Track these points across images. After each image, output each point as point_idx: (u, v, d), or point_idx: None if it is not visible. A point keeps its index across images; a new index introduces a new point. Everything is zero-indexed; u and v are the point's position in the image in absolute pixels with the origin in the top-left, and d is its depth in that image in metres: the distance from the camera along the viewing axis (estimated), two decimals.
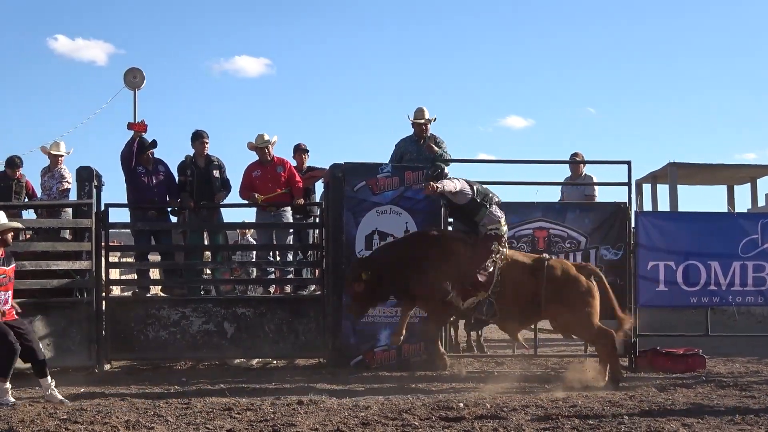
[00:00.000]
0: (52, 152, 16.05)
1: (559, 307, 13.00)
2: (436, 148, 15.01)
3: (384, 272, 12.88)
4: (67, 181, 15.55)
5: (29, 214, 16.00)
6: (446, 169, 13.55)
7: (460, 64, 66.31)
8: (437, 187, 12.63)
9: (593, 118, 64.25)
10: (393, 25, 65.57)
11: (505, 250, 13.08)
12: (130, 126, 15.45)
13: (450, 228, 14.47)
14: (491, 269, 12.82)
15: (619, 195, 15.60)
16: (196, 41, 65.49)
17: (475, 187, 12.95)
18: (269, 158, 15.68)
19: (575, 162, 16.35)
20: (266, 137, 15.74)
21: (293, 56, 67.01)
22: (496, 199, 13.19)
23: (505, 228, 13.17)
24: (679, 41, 63.08)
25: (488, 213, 12.95)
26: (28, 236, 15.94)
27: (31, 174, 16.68)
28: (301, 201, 15.69)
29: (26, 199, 16.14)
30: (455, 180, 12.91)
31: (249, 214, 16.93)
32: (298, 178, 15.79)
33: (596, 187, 16.24)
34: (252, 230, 19.52)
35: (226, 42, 66.53)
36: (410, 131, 15.60)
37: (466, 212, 13.02)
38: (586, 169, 16.52)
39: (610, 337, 13.07)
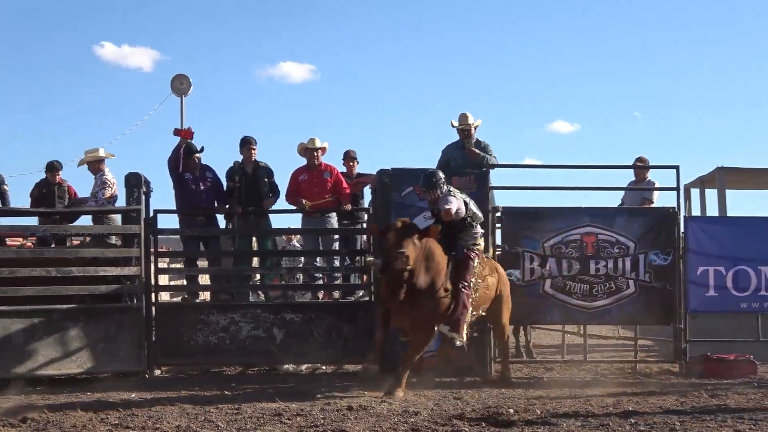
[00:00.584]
0: (88, 159, 16.07)
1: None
2: (478, 152, 15.00)
3: None
4: (110, 187, 15.59)
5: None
6: (440, 181, 13.24)
7: (507, 68, 66.15)
8: (451, 213, 12.62)
9: (640, 123, 63.90)
10: (439, 29, 65.53)
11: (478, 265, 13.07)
12: (176, 132, 15.53)
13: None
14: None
15: (668, 200, 15.57)
16: (241, 47, 65.70)
17: (469, 207, 12.94)
18: (317, 163, 15.72)
19: (623, 167, 16.28)
20: (318, 142, 15.80)
21: (337, 62, 67.07)
22: (480, 218, 13.22)
23: (482, 243, 13.24)
24: (726, 45, 62.71)
25: (472, 232, 12.95)
26: (77, 242, 16.07)
27: (79, 180, 16.79)
28: (348, 207, 15.72)
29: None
30: (456, 199, 12.78)
31: (295, 220, 16.98)
32: (345, 185, 15.83)
33: (656, 192, 16.14)
34: (298, 236, 19.57)
35: (270, 48, 66.71)
36: (456, 137, 15.60)
37: (450, 227, 12.88)
38: (651, 175, 16.44)
39: None
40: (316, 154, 15.77)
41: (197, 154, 15.51)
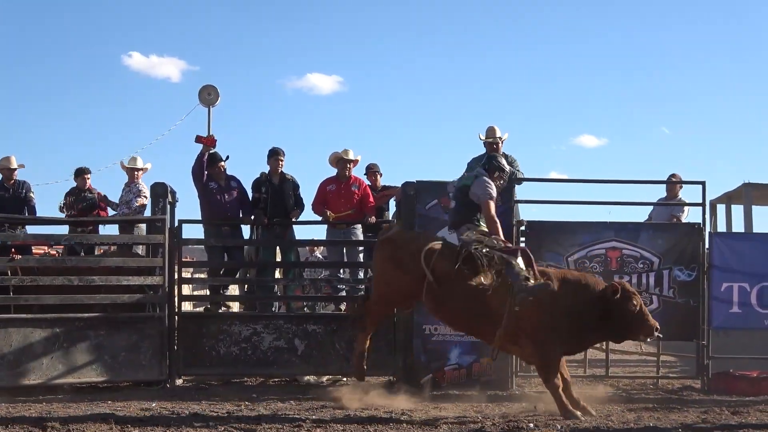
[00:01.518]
0: (128, 166, 16.25)
1: None
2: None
3: None
4: (144, 196, 15.65)
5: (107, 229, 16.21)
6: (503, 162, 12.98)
7: (534, 82, 66.04)
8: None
9: (667, 138, 63.66)
10: (464, 43, 65.42)
11: None
12: (198, 139, 15.54)
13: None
14: None
15: (693, 215, 15.53)
16: (268, 59, 65.77)
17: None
18: (348, 175, 15.77)
19: (651, 182, 16.29)
20: (352, 154, 15.86)
21: (365, 74, 67.11)
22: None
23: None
24: (755, 61, 62.43)
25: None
26: (101, 251, 16.13)
27: (109, 188, 16.84)
28: (373, 219, 15.74)
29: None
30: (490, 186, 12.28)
31: (319, 231, 17.00)
32: (371, 198, 15.86)
33: (686, 209, 16.07)
34: (321, 247, 19.60)
35: (298, 59, 66.75)
36: (482, 150, 15.60)
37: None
38: (681, 192, 16.38)
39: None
40: (348, 165, 15.82)
41: (222, 163, 15.56)
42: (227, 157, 15.68)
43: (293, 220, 15.73)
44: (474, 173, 12.47)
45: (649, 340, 12.59)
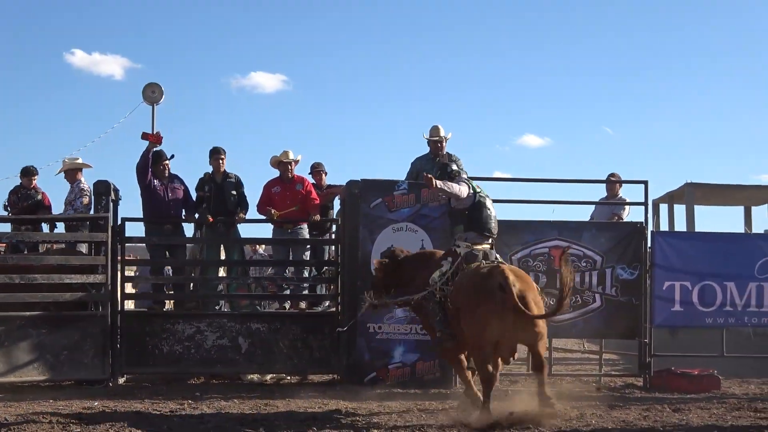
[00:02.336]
0: (65, 169, 16.04)
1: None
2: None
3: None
4: (87, 195, 15.52)
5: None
6: (461, 172, 13.03)
7: (477, 82, 66.22)
8: (437, 183, 12.11)
9: (610, 138, 64.03)
10: (408, 43, 65.52)
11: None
12: (144, 136, 15.42)
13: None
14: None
15: (636, 215, 15.66)
16: (212, 57, 65.47)
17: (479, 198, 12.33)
18: (290, 176, 15.73)
19: (594, 181, 16.38)
20: (291, 155, 15.82)
21: (309, 72, 67.02)
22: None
23: (462, 249, 12.08)
24: (697, 62, 62.95)
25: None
26: (44, 249, 16.00)
27: (50, 187, 16.69)
28: (317, 217, 15.72)
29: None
30: (463, 184, 12.35)
31: (265, 230, 16.93)
32: (314, 196, 15.82)
33: (627, 208, 16.16)
34: (263, 245, 19.54)
35: (242, 58, 66.53)
36: (426, 149, 15.64)
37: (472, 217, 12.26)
38: (622, 191, 16.47)
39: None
40: (289, 167, 15.78)
41: (167, 161, 15.49)
42: (172, 156, 15.63)
43: (240, 219, 15.66)
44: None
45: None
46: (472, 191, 12.26)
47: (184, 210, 15.68)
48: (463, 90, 63.45)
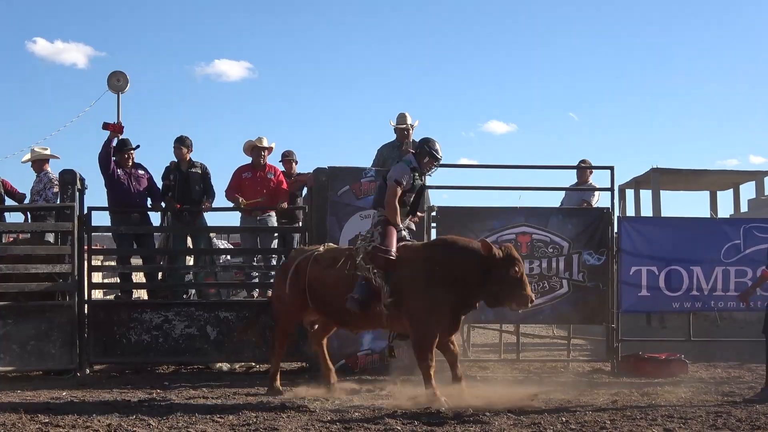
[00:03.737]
0: (32, 158, 15.96)
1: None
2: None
3: None
4: (56, 185, 15.42)
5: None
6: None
7: (442, 69, 66.30)
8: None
9: (575, 124, 64.31)
10: (376, 29, 65.56)
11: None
12: (105, 126, 15.32)
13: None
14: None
15: (602, 201, 15.72)
16: (175, 45, 65.29)
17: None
18: (263, 163, 15.68)
19: (562, 167, 16.42)
20: (266, 142, 15.77)
21: (275, 60, 66.92)
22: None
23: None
24: (661, 47, 63.20)
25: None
26: (9, 239, 15.91)
27: (15, 176, 16.59)
28: (285, 204, 15.69)
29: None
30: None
31: (230, 218, 16.87)
32: (285, 186, 15.79)
33: (597, 194, 16.21)
34: (226, 234, 19.49)
35: (206, 45, 66.33)
36: (393, 136, 15.63)
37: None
38: (591, 177, 16.51)
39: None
40: (263, 153, 15.72)
41: (131, 150, 15.42)
42: (137, 146, 15.55)
43: (206, 208, 15.62)
44: (406, 158, 12.46)
45: (520, 311, 12.76)
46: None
47: (149, 199, 15.62)
48: (428, 76, 63.57)
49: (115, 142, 15.23)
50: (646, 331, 15.84)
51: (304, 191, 16.47)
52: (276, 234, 15.91)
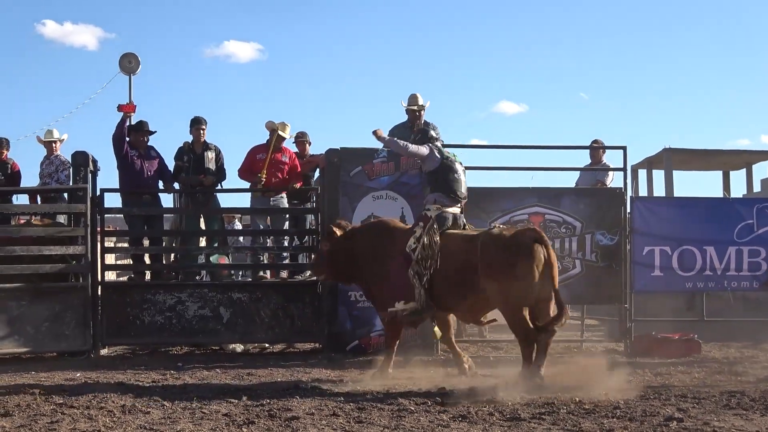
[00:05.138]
0: (45, 139, 16.03)
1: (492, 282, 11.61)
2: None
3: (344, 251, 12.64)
4: (69, 167, 15.43)
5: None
6: (434, 135, 13.31)
7: (453, 49, 66.21)
8: (381, 135, 12.98)
9: (586, 104, 64.24)
10: (385, 9, 65.49)
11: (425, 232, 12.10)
12: (120, 108, 15.36)
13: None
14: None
15: (614, 180, 15.70)
16: (185, 26, 65.28)
17: (444, 155, 12.61)
18: (280, 146, 15.65)
19: (573, 147, 16.40)
20: (288, 132, 15.71)
21: (284, 41, 66.89)
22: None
23: (433, 212, 12.23)
24: (673, 26, 63.05)
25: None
26: (22, 221, 15.93)
27: (27, 160, 16.61)
28: (298, 185, 15.69)
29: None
30: (425, 147, 12.73)
31: (241, 200, 16.86)
32: (299, 169, 15.79)
33: (611, 174, 16.18)
34: (240, 216, 19.50)
35: (215, 26, 66.30)
36: (404, 117, 15.60)
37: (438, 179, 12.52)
38: (605, 157, 16.49)
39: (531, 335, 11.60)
40: (283, 140, 15.69)
41: (148, 134, 15.44)
42: (154, 132, 15.60)
43: (217, 187, 15.65)
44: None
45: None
46: (438, 155, 12.48)
47: (161, 181, 15.64)
48: (439, 57, 63.49)
49: (128, 123, 15.26)
50: (658, 311, 15.78)
51: (317, 173, 16.46)
52: (287, 215, 15.88)
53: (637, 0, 63.16)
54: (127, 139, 15.29)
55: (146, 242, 16.29)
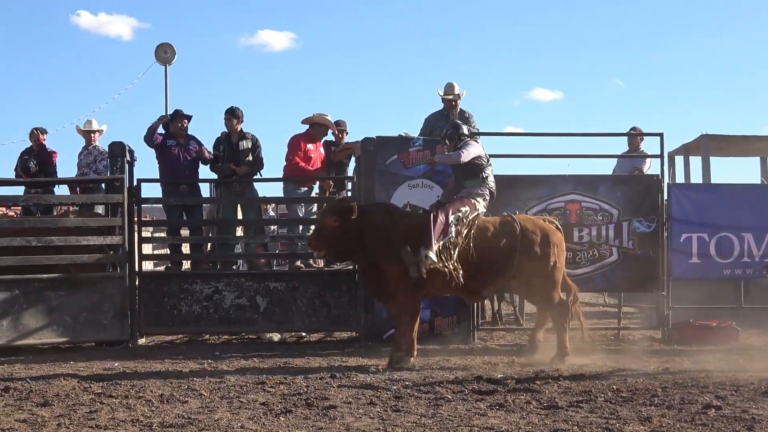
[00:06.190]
0: (84, 129, 16.15)
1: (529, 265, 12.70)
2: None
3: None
4: (106, 157, 15.50)
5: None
6: (470, 134, 13.37)
7: (487, 36, 66.01)
8: (433, 161, 13.46)
9: (622, 91, 63.87)
10: None
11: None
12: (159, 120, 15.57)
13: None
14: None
15: (651, 167, 15.65)
16: (218, 15, 65.27)
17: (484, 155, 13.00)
18: (321, 138, 15.72)
19: (610, 134, 16.37)
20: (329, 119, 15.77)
21: (319, 30, 66.81)
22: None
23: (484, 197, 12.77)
24: (709, 10, 62.62)
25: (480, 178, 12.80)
26: (61, 211, 16.02)
27: (64, 150, 16.70)
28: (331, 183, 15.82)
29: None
30: (472, 144, 12.90)
31: (275, 189, 16.82)
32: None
33: (648, 161, 16.13)
34: (274, 205, 19.53)
35: (249, 16, 66.30)
36: (439, 105, 15.57)
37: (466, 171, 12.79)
38: (642, 144, 16.44)
39: (566, 307, 13.11)
40: (324, 133, 15.80)
41: (185, 120, 15.49)
42: (190, 116, 15.63)
43: (255, 177, 15.71)
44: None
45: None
46: (485, 152, 12.59)
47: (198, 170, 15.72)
48: (473, 44, 63.29)
49: (161, 129, 15.40)
50: (696, 298, 15.69)
51: (352, 161, 16.45)
52: (324, 205, 15.89)
53: None
54: (162, 132, 15.37)
55: (185, 232, 16.36)
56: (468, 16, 65.11)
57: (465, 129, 13.11)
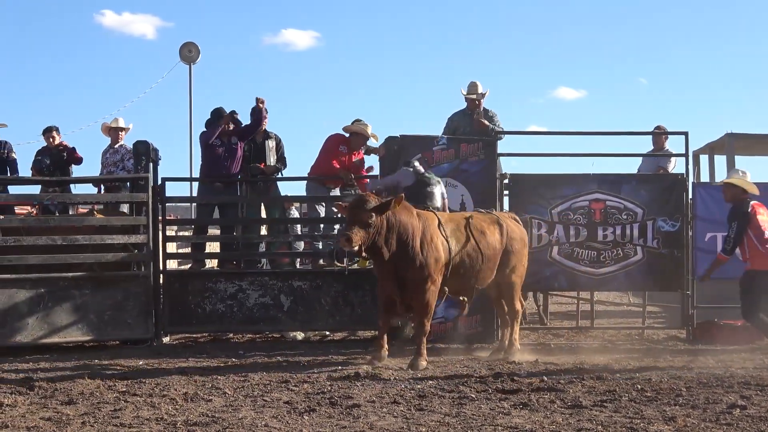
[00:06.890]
0: (111, 126, 16.19)
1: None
2: (486, 123, 14.93)
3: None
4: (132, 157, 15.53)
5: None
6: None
7: (510, 35, 65.97)
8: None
9: (645, 89, 63.73)
10: None
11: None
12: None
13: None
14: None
15: (676, 166, 15.61)
16: (242, 14, 65.44)
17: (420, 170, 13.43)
18: (355, 146, 15.71)
19: (634, 133, 16.35)
20: (369, 130, 15.71)
21: (342, 29, 66.90)
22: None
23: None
24: (733, 9, 62.42)
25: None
26: (81, 211, 16.06)
27: (89, 148, 16.72)
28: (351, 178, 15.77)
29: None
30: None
31: (297, 188, 16.81)
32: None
33: (673, 160, 16.10)
34: (296, 204, 19.54)
35: (273, 15, 66.43)
36: (462, 104, 15.55)
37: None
38: (667, 143, 16.41)
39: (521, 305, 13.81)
40: (359, 140, 15.75)
41: (228, 119, 15.50)
42: (232, 111, 15.61)
43: (278, 176, 15.72)
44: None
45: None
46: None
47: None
48: (497, 43, 63.24)
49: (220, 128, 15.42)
50: (721, 297, 15.63)
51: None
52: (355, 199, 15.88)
53: None
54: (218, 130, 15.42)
55: (213, 231, 16.39)
56: (491, 15, 65.19)
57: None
